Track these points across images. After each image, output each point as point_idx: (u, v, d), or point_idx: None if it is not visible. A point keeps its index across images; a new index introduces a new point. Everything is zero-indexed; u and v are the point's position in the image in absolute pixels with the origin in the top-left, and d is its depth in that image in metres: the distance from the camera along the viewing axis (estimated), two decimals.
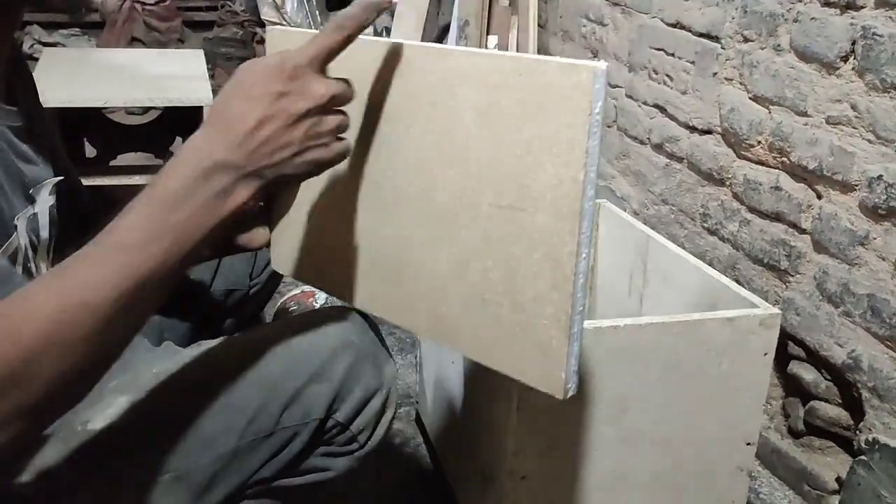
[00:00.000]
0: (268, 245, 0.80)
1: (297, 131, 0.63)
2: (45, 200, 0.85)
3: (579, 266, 0.62)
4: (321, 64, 0.64)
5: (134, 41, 4.17)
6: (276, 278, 1.32)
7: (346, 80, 0.66)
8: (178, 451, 0.81)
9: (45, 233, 0.85)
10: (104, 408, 0.81)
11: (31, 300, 0.56)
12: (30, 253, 0.83)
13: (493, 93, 0.65)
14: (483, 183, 0.67)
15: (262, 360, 0.86)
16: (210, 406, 0.83)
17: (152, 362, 0.87)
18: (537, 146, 0.62)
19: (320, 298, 1.74)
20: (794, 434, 1.42)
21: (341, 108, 0.66)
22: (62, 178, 0.88)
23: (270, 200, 0.81)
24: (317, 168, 0.67)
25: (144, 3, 4.28)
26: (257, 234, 0.77)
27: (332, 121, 0.65)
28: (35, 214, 0.83)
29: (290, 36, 0.81)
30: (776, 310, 1.03)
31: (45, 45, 4.08)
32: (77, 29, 4.38)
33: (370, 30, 0.83)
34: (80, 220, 0.92)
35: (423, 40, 2.61)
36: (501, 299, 0.67)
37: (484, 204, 0.67)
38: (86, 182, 2.18)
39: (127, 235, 0.59)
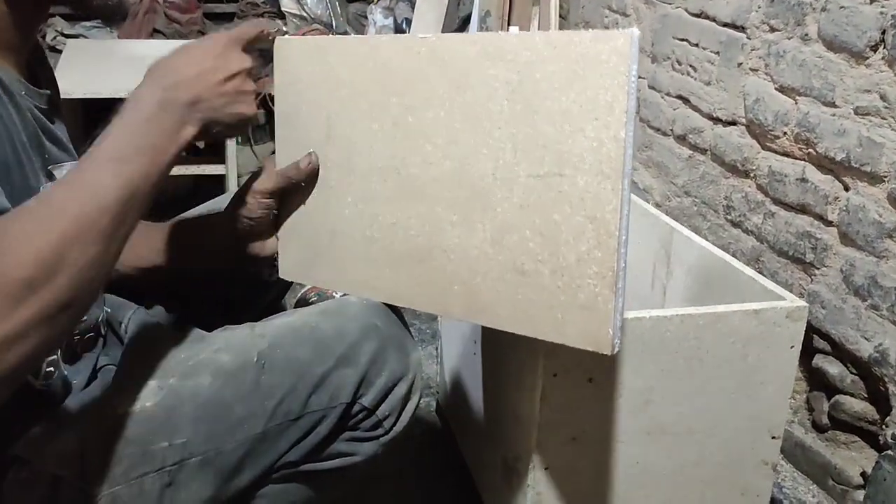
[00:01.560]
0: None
1: (228, 85, 0.78)
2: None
3: (622, 222, 0.65)
4: (243, 44, 0.81)
5: (155, 33, 4.19)
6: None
7: (261, 57, 0.83)
8: (207, 434, 0.82)
9: None
10: (134, 391, 0.82)
11: (54, 203, 0.64)
12: None
13: (525, 69, 0.69)
14: (519, 155, 0.70)
15: (289, 344, 0.87)
16: (238, 390, 0.84)
17: (179, 347, 0.88)
18: (576, 112, 0.66)
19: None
20: (819, 428, 1.41)
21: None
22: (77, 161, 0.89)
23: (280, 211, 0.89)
24: (240, 122, 0.80)
25: None
26: (269, 243, 0.92)
27: (251, 85, 0.80)
28: None
29: (293, 44, 0.90)
30: (803, 302, 1.02)
31: (68, 36, 4.11)
32: (99, 21, 4.41)
33: (390, 21, 0.90)
34: None
35: (443, 31, 2.60)
36: (542, 267, 0.69)
37: (521, 176, 0.70)
38: None
39: (116, 151, 0.70)
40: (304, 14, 3.78)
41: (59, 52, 2.35)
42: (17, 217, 0.62)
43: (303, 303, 1.74)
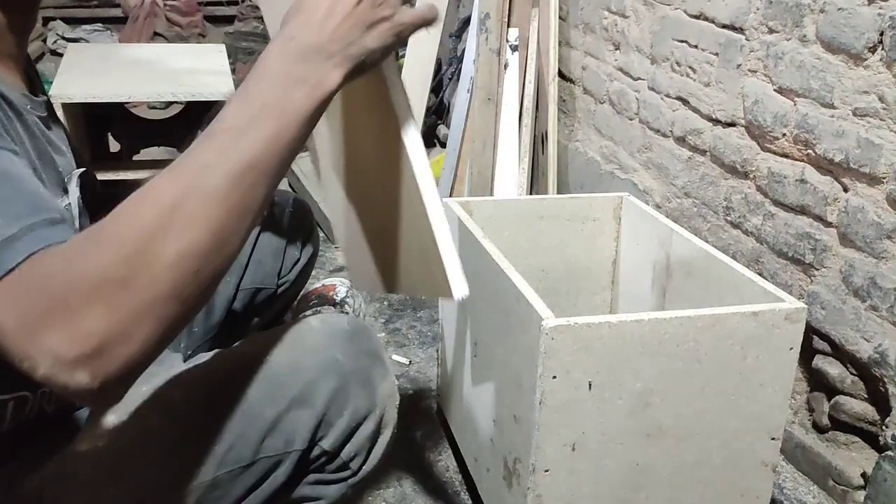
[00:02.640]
0: None
1: (363, 4, 0.66)
2: (73, 191, 0.85)
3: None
4: None
5: (156, 36, 4.20)
6: (304, 277, 1.32)
7: None
8: (156, 479, 0.78)
9: (76, 223, 0.86)
10: (96, 427, 0.79)
11: (155, 188, 0.59)
12: None
13: None
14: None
15: (241, 383, 0.81)
16: (188, 432, 0.79)
17: (147, 379, 0.82)
18: None
19: (341, 291, 1.74)
20: (819, 429, 1.41)
21: None
22: (85, 169, 0.88)
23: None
24: (393, 38, 0.68)
25: None
26: None
27: None
28: (69, 205, 0.84)
29: None
30: (802, 304, 1.02)
31: (69, 40, 4.12)
32: (100, 24, 4.42)
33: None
34: (100, 210, 0.93)
35: (442, 33, 2.61)
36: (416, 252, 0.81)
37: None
38: (110, 176, 2.21)
39: (232, 120, 0.62)
40: None
41: (60, 55, 2.36)
42: (116, 215, 0.58)
43: (303, 301, 1.74)
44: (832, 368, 1.36)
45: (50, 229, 0.60)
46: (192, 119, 2.43)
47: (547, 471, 1.00)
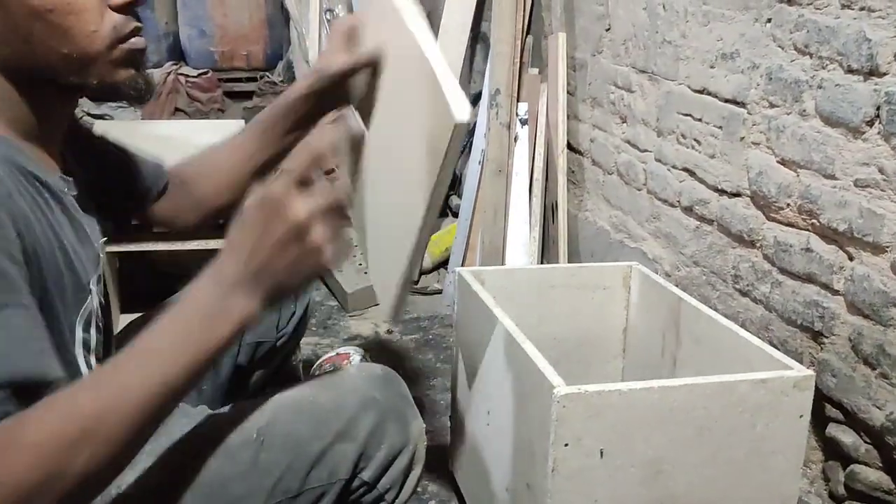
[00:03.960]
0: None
1: (287, 251, 0.72)
2: (101, 264, 0.90)
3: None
4: (297, 187, 0.73)
5: (177, 112, 4.33)
6: (301, 328, 1.36)
7: (324, 190, 0.74)
8: None
9: (100, 297, 0.91)
10: (139, 466, 0.83)
11: (78, 405, 0.65)
12: (99, 312, 0.88)
13: None
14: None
15: (288, 420, 0.88)
16: (237, 467, 0.84)
17: (187, 426, 0.89)
18: None
19: (355, 360, 1.77)
20: (836, 499, 1.40)
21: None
22: (106, 238, 0.94)
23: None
24: (315, 275, 0.76)
25: (187, 76, 4.46)
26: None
27: (318, 232, 0.72)
28: (101, 274, 0.89)
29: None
30: (810, 371, 1.03)
31: (94, 116, 4.26)
32: (124, 101, 4.57)
33: None
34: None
35: None
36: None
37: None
38: (132, 248, 2.24)
39: (157, 345, 0.70)
40: None
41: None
42: (23, 423, 0.63)
43: (318, 370, 1.76)
44: (846, 437, 1.36)
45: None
46: None
47: None
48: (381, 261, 1.08)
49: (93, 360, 0.89)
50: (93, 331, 0.86)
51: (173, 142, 2.36)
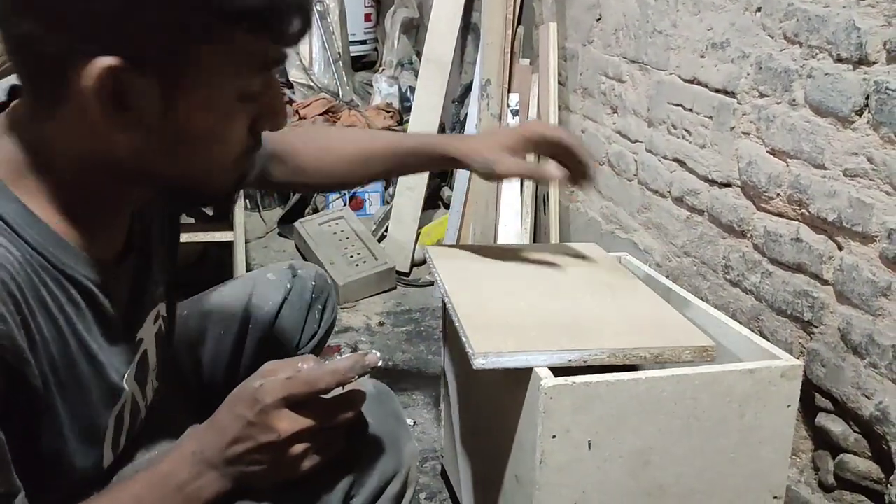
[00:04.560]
0: None
1: (263, 455, 0.77)
2: (149, 330, 0.88)
3: None
4: (288, 405, 0.76)
5: None
6: (319, 348, 1.33)
7: (319, 413, 0.78)
8: None
9: (152, 361, 0.90)
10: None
11: None
12: (137, 396, 0.87)
13: None
14: None
15: None
16: (231, 496, 0.81)
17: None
18: None
19: (345, 353, 1.76)
20: (825, 488, 1.40)
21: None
22: (163, 302, 0.91)
23: None
24: (283, 480, 0.79)
25: None
26: None
27: (297, 449, 0.77)
28: (143, 354, 0.87)
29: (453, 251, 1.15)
30: (798, 361, 1.03)
31: None
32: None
33: (395, 89, 1.03)
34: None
35: (446, 98, 2.68)
36: None
37: None
38: None
39: (140, 491, 0.75)
40: (312, 84, 3.89)
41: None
42: None
43: None
44: (835, 426, 1.36)
45: None
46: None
47: None
48: None
49: (122, 439, 0.87)
50: (126, 415, 0.85)
51: None
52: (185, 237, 2.21)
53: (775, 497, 1.07)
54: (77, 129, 0.69)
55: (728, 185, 1.62)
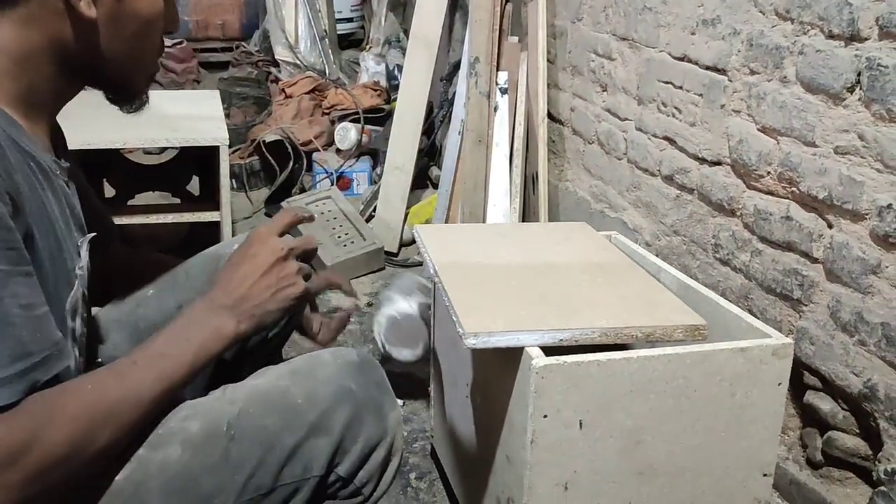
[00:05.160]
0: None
1: (269, 278, 0.90)
2: (85, 255, 0.88)
3: None
4: (278, 232, 0.94)
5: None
6: (290, 323, 1.33)
7: (303, 240, 0.95)
8: None
9: (79, 289, 0.89)
10: (128, 464, 0.81)
11: (104, 385, 0.77)
12: (82, 304, 0.87)
13: None
14: None
15: (259, 412, 0.85)
16: (207, 462, 0.82)
17: (168, 418, 0.86)
18: None
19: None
20: (813, 465, 1.41)
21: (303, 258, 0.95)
22: (94, 234, 0.92)
23: None
24: (291, 302, 0.91)
25: None
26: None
27: (293, 265, 0.92)
28: (83, 267, 0.87)
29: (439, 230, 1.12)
30: (789, 339, 1.03)
31: None
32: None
33: (382, 67, 1.11)
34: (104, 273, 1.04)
35: (433, 76, 2.65)
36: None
37: None
38: None
39: (164, 348, 0.83)
40: (298, 62, 3.85)
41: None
42: (66, 395, 0.73)
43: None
44: (824, 404, 1.37)
45: (20, 381, 0.70)
46: (186, 163, 2.46)
47: None
48: None
49: (76, 351, 0.86)
50: (78, 320, 0.85)
51: (146, 112, 2.32)
52: (170, 217, 2.20)
53: (765, 474, 1.07)
54: (32, 22, 0.78)
55: (718, 163, 1.61)
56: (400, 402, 1.72)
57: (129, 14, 0.83)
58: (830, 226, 1.33)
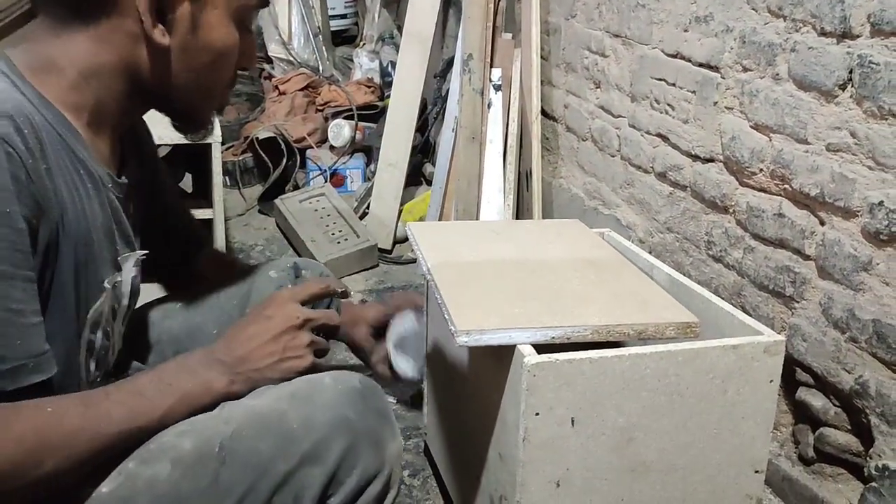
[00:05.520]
0: None
1: (276, 345, 0.89)
2: (129, 270, 0.89)
3: None
4: (301, 300, 0.96)
5: None
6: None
7: (325, 313, 0.98)
8: None
9: (125, 301, 0.90)
10: (115, 476, 0.80)
11: (65, 412, 0.74)
12: (109, 317, 0.87)
13: None
14: None
15: (253, 435, 0.82)
16: (196, 483, 0.80)
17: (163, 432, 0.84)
18: None
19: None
20: (805, 461, 1.42)
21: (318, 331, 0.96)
22: (147, 252, 0.93)
23: None
24: (293, 375, 0.89)
25: None
26: None
27: (305, 337, 0.92)
28: (119, 282, 0.87)
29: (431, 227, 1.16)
30: (780, 337, 1.03)
31: None
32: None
33: (376, 64, 1.15)
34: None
35: (427, 73, 2.65)
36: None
37: None
38: None
39: (144, 388, 0.81)
40: (292, 58, 3.84)
41: None
42: (19, 413, 0.71)
43: None
44: (816, 400, 1.37)
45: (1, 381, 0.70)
46: (178, 161, 2.45)
47: None
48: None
49: (93, 365, 0.86)
50: (99, 334, 0.84)
51: None
52: None
53: (757, 471, 1.07)
54: (106, 42, 0.80)
55: (711, 160, 1.61)
56: (393, 399, 1.72)
57: (202, 46, 0.84)
58: (822, 223, 1.33)
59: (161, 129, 2.09)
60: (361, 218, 2.67)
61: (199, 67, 0.85)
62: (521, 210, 2.36)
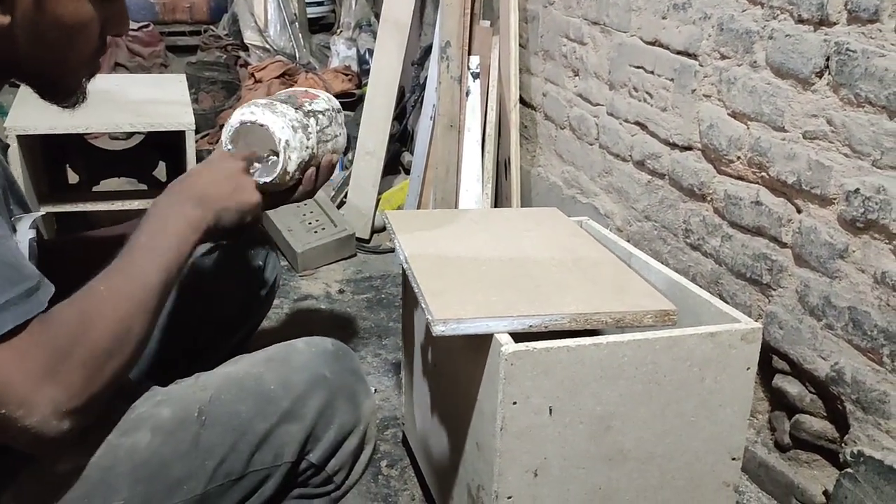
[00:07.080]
0: None
1: (227, 183, 0.92)
2: (25, 232, 0.86)
3: None
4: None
5: (117, 67, 4.17)
6: (265, 308, 1.31)
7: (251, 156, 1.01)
8: (145, 495, 0.79)
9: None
10: (95, 448, 0.80)
11: (114, 288, 0.78)
12: None
13: None
14: None
15: (231, 398, 0.84)
16: (177, 448, 0.81)
17: (121, 397, 0.85)
18: None
19: (319, 104, 1.45)
20: (781, 448, 1.42)
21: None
22: (42, 213, 0.90)
23: None
24: (248, 206, 0.93)
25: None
26: None
27: (251, 180, 0.96)
28: (17, 243, 0.84)
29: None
30: (757, 324, 1.03)
31: None
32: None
33: (353, 52, 1.15)
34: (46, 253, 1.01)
35: (405, 61, 2.63)
36: None
37: None
38: (69, 209, 2.16)
39: (151, 242, 0.84)
40: (268, 46, 3.79)
41: (17, 86, 2.32)
42: (88, 298, 0.75)
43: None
44: (792, 387, 1.38)
45: (28, 302, 0.70)
46: (152, 149, 2.41)
47: (510, 497, 1.00)
48: None
49: None
50: None
51: (111, 96, 2.27)
52: (136, 203, 2.15)
53: (734, 458, 1.07)
54: None
55: (689, 148, 1.61)
56: (371, 388, 1.71)
57: (49, 21, 0.80)
58: (799, 210, 1.34)
59: (133, 117, 2.07)
60: (339, 207, 2.65)
61: (51, 42, 0.82)
62: (499, 198, 2.35)
